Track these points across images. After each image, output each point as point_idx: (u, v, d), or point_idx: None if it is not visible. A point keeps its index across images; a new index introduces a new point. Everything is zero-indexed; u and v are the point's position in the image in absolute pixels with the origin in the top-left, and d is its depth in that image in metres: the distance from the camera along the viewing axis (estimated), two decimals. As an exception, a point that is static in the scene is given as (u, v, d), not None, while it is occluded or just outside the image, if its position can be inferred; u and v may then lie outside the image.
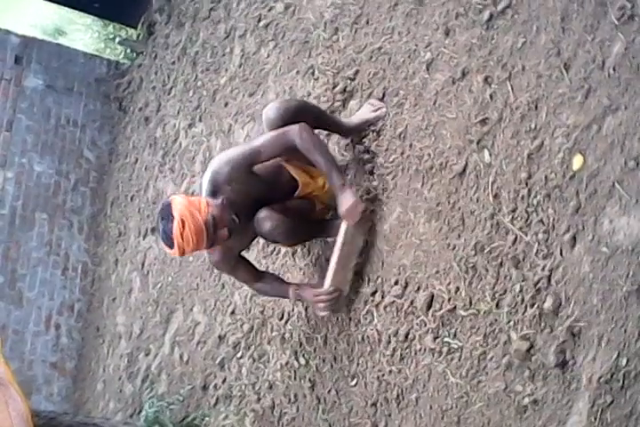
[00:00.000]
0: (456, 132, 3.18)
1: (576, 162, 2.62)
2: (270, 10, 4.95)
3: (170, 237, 3.30)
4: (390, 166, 3.50)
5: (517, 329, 2.68)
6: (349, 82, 3.93)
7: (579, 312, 2.48)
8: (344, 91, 3.95)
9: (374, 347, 3.34)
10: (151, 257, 5.78)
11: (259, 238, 3.73)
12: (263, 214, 3.46)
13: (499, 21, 3.11)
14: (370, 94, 3.77)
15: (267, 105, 3.72)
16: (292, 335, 3.93)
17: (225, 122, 5.14)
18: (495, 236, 2.88)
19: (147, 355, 5.41)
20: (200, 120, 5.58)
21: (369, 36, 3.87)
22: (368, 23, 3.92)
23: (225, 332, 4.51)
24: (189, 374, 4.78)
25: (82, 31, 8.11)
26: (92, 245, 6.90)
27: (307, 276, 3.92)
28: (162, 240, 3.40)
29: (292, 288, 3.70)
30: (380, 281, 3.39)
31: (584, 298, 2.48)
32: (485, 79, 3.09)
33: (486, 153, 3.01)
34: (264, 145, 3.45)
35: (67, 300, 6.70)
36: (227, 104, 5.21)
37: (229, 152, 3.60)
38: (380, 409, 3.23)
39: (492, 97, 3.05)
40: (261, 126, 3.66)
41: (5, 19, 8.55)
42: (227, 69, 5.35)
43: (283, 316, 4.04)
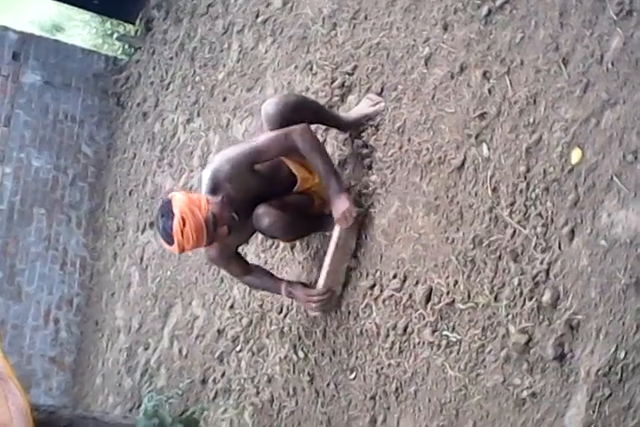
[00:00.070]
0: (454, 127, 3.19)
1: (574, 156, 2.63)
2: (268, 5, 4.95)
3: (170, 234, 3.30)
4: (389, 161, 3.50)
5: (516, 322, 2.69)
6: (348, 77, 3.94)
7: (577, 305, 2.49)
8: (342, 86, 3.96)
9: (373, 340, 3.36)
10: (150, 251, 5.78)
11: (257, 233, 3.74)
12: (261, 210, 3.48)
13: (497, 16, 3.12)
14: (368, 89, 3.77)
15: (265, 100, 3.73)
16: (290, 329, 3.94)
17: (223, 117, 5.14)
18: (494, 229, 2.89)
19: (146, 349, 5.41)
20: (198, 115, 5.58)
21: (367, 32, 3.88)
22: (366, 18, 3.92)
23: (224, 326, 4.52)
24: (188, 368, 4.79)
25: (80, 27, 8.10)
26: (90, 240, 6.90)
27: (305, 269, 3.93)
28: (161, 237, 3.40)
29: (284, 285, 3.73)
30: (379, 275, 3.41)
31: (582, 291, 2.49)
32: (484, 74, 3.10)
33: (485, 147, 3.02)
34: (266, 145, 3.46)
35: (65, 294, 6.71)
36: (225, 99, 5.21)
37: (231, 150, 3.61)
38: (379, 402, 3.24)
39: (490, 91, 3.06)
40: (260, 121, 3.67)
41: (4, 15, 8.54)
42: (225, 65, 5.35)
43: (282, 310, 4.05)
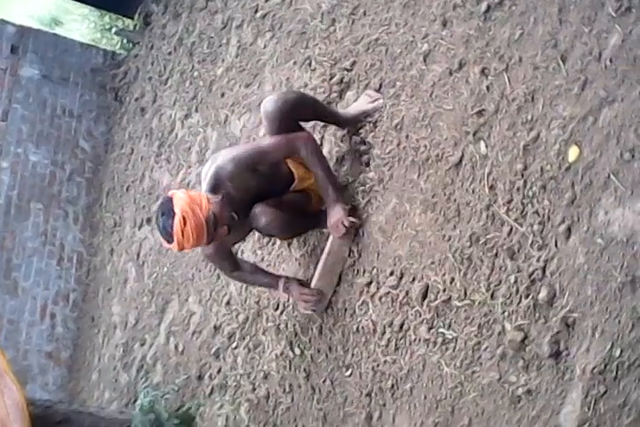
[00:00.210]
0: (452, 124, 3.18)
1: (572, 153, 2.62)
2: (267, 0, 4.94)
3: (170, 233, 3.30)
4: (386, 157, 3.50)
5: (512, 320, 2.69)
6: (346, 73, 3.93)
7: (573, 303, 2.49)
8: (341, 82, 3.95)
9: (369, 337, 3.35)
10: (147, 247, 5.78)
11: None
12: (259, 209, 3.51)
13: (496, 13, 3.11)
14: (367, 85, 3.77)
15: (264, 97, 3.73)
16: (287, 326, 3.94)
17: (221, 112, 5.13)
18: (490, 227, 2.88)
19: (142, 345, 5.41)
20: (196, 111, 5.58)
21: (366, 28, 3.87)
22: (365, 14, 3.91)
23: (220, 322, 4.51)
24: (184, 364, 4.79)
25: (78, 21, 8.08)
26: (87, 236, 6.89)
27: (302, 266, 3.93)
28: (161, 235, 3.39)
29: (282, 280, 3.75)
30: (376, 272, 3.40)
31: (578, 289, 2.49)
32: (482, 71, 3.09)
33: (482, 144, 3.01)
34: (270, 149, 3.51)
35: (62, 289, 6.70)
36: (223, 95, 5.20)
37: (235, 149, 3.65)
38: (375, 399, 3.24)
39: (488, 88, 3.05)
40: (259, 118, 3.68)
41: (2, 8, 8.52)
42: (223, 60, 5.35)
43: (278, 306, 4.04)
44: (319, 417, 3.55)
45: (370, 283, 3.42)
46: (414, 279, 3.19)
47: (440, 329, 2.99)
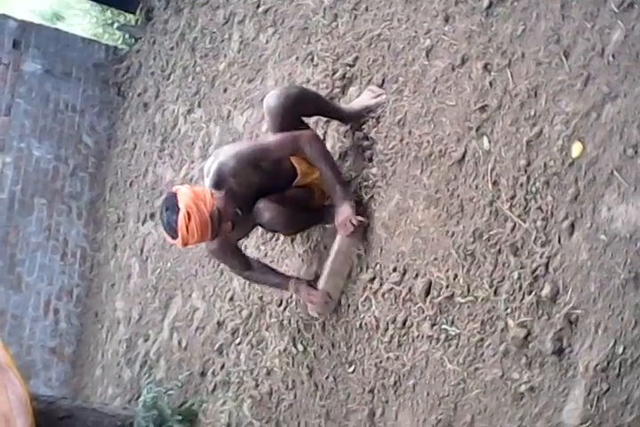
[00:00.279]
0: (455, 120, 3.17)
1: (575, 149, 2.61)
2: (269, -5, 4.94)
3: (174, 228, 3.29)
4: (389, 153, 3.49)
5: (515, 316, 2.68)
6: (349, 68, 3.92)
7: (576, 300, 2.49)
8: (343, 77, 3.94)
9: (372, 334, 3.35)
10: (150, 243, 5.78)
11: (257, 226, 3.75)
12: (262, 205, 3.51)
13: (498, 8, 3.10)
14: (369, 81, 3.76)
15: (266, 92, 3.72)
16: (290, 322, 3.94)
17: (224, 108, 5.13)
18: (494, 223, 2.88)
19: (145, 341, 5.42)
20: (199, 106, 5.57)
21: (368, 23, 3.86)
22: (367, 9, 3.90)
23: (223, 318, 4.52)
24: (188, 360, 4.79)
25: (80, 16, 8.08)
26: (90, 231, 6.90)
27: (305, 262, 3.93)
28: (165, 231, 3.38)
29: (292, 281, 3.74)
30: (379, 268, 3.40)
31: (582, 286, 2.48)
32: (485, 66, 3.08)
33: (485, 140, 3.01)
34: (274, 146, 3.50)
35: (66, 285, 6.71)
36: (226, 90, 5.20)
37: (238, 145, 3.65)
38: (378, 396, 3.24)
39: (491, 84, 3.04)
40: (261, 113, 3.67)
41: (4, 3, 8.51)
42: (226, 55, 5.34)
43: (281, 302, 4.04)
44: (322, 414, 3.56)
45: (373, 279, 3.42)
46: (417, 275, 3.18)
47: (443, 326, 2.99)
